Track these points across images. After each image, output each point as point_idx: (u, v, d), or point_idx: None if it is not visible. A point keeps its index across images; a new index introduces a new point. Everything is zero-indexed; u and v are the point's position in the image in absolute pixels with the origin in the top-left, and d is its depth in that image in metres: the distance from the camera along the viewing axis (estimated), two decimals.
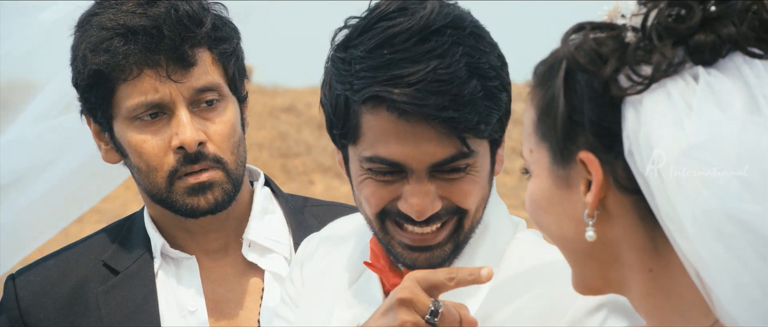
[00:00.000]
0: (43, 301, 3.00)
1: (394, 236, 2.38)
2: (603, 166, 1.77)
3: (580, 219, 1.80)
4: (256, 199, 3.04)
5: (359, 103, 2.31)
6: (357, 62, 2.30)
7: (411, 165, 2.31)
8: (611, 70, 1.74)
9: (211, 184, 2.88)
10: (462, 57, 2.27)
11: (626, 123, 1.73)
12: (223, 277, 3.02)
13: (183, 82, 2.84)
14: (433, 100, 2.25)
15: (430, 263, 2.38)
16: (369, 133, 2.32)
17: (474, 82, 2.28)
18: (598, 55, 1.75)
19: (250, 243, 3.02)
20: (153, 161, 2.87)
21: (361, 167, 2.36)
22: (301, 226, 3.04)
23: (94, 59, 2.83)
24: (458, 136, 2.29)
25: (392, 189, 2.34)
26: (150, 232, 3.01)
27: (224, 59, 2.91)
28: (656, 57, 1.72)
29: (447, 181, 2.34)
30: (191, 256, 3.01)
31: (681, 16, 1.74)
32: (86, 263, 3.03)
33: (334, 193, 16.33)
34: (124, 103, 2.86)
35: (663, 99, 1.71)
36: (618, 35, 1.76)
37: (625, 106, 1.74)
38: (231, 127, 2.90)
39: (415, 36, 2.27)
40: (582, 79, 1.77)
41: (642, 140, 1.71)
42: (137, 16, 2.82)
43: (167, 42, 2.82)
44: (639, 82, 1.73)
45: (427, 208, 2.32)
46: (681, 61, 1.72)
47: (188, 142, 2.84)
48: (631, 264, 1.81)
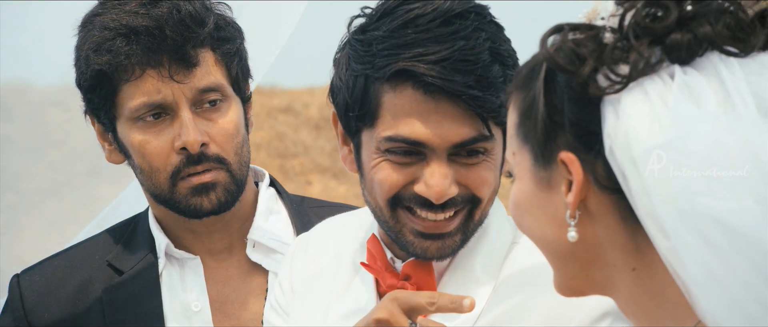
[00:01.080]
0: (48, 300, 3.00)
1: (405, 224, 2.36)
2: (583, 166, 1.77)
3: (562, 220, 1.80)
4: (260, 200, 3.04)
5: (381, 82, 2.30)
6: (378, 42, 2.30)
7: (433, 144, 2.30)
8: (589, 69, 1.75)
9: (215, 185, 2.87)
10: (485, 41, 2.29)
11: (606, 122, 1.74)
12: (228, 278, 3.01)
13: (185, 83, 2.84)
14: (459, 78, 2.26)
15: (441, 253, 2.36)
16: (389, 112, 2.31)
17: (496, 67, 2.30)
18: (576, 55, 1.76)
19: (254, 243, 3.01)
20: (156, 162, 2.86)
21: (377, 150, 2.34)
22: (306, 227, 3.02)
23: (97, 59, 2.83)
24: (481, 116, 2.29)
25: (408, 173, 2.33)
26: (154, 232, 3.01)
27: (227, 59, 2.90)
28: (633, 56, 1.73)
29: (464, 167, 2.33)
30: (195, 256, 3.00)
31: (657, 16, 1.74)
32: (91, 263, 3.03)
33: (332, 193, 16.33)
34: (127, 103, 2.85)
35: (640, 97, 1.72)
36: (596, 35, 1.77)
37: (604, 105, 1.75)
38: (234, 127, 2.89)
39: (439, 18, 2.28)
40: (562, 80, 1.78)
41: (621, 138, 1.72)
42: (140, 17, 2.82)
43: (169, 42, 2.81)
44: (617, 81, 1.73)
45: (446, 190, 2.31)
46: (658, 61, 1.73)
47: (191, 143, 2.83)
48: (614, 264, 1.80)
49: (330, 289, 2.52)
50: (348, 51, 2.37)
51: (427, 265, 2.40)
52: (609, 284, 1.83)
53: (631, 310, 1.83)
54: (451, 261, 2.42)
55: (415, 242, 2.36)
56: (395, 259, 2.44)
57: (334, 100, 2.41)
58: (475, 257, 2.41)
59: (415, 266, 2.39)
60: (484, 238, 2.42)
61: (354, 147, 2.41)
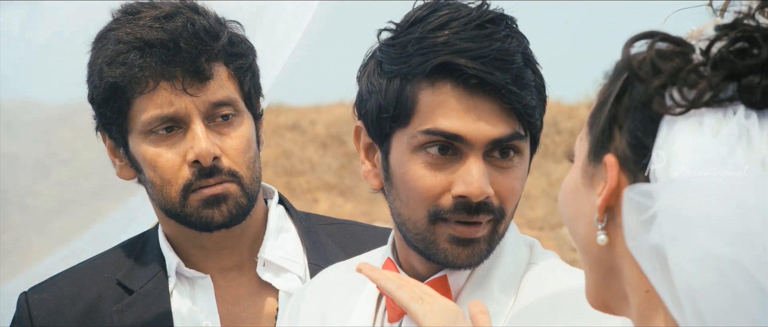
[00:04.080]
0: (57, 319, 2.98)
1: (442, 234, 2.34)
2: (626, 176, 1.74)
3: (591, 221, 1.78)
4: (270, 218, 3.02)
5: (419, 80, 2.31)
6: (414, 44, 2.32)
7: (471, 139, 2.30)
8: (660, 84, 1.71)
9: (226, 197, 2.86)
10: (518, 47, 2.32)
11: (658, 141, 1.71)
12: (238, 298, 2.99)
13: (199, 96, 2.84)
14: (499, 75, 2.28)
15: (470, 260, 2.35)
16: (426, 108, 2.31)
17: (529, 72, 2.32)
18: (653, 65, 1.73)
19: (264, 262, 2.99)
20: (167, 175, 2.85)
21: (410, 149, 2.33)
22: (315, 246, 3.01)
23: (111, 72, 2.84)
24: (518, 113, 2.31)
25: (442, 176, 2.32)
26: (164, 251, 2.99)
27: (240, 74, 2.90)
28: (702, 84, 1.69)
29: (497, 170, 2.33)
30: (206, 275, 2.98)
31: (744, 52, 1.69)
32: (100, 282, 3.01)
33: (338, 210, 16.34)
34: (140, 116, 2.85)
35: (695, 128, 1.68)
36: (684, 53, 1.73)
37: (662, 123, 1.71)
38: (246, 142, 2.89)
39: (472, 22, 2.31)
40: (638, 87, 1.75)
41: (663, 161, 1.69)
42: (154, 30, 2.83)
43: (184, 55, 2.82)
44: (681, 103, 1.69)
45: (484, 188, 2.31)
46: (729, 97, 1.68)
47: (203, 155, 2.82)
48: (629, 281, 1.77)
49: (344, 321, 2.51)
50: (378, 57, 2.38)
51: (444, 283, 2.39)
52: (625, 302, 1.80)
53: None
54: (468, 279, 2.41)
55: (448, 249, 2.35)
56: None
57: (363, 109, 2.40)
58: (493, 275, 2.40)
59: (433, 286, 2.37)
60: (500, 256, 2.41)
61: (382, 154, 2.40)
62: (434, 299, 2.22)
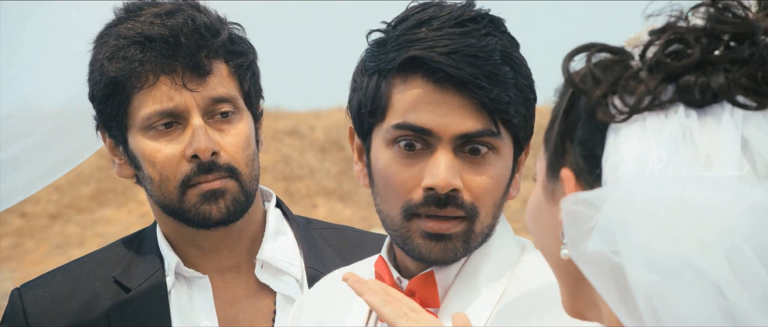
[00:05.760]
0: (53, 316, 2.97)
1: (415, 230, 2.36)
2: (583, 187, 1.74)
3: (557, 235, 1.78)
4: (269, 220, 3.02)
5: (392, 75, 2.35)
6: (392, 41, 2.36)
7: (439, 133, 2.33)
8: (601, 93, 1.72)
9: (224, 192, 2.87)
10: (496, 45, 2.34)
11: (606, 149, 1.72)
12: (235, 299, 2.99)
13: (198, 91, 2.85)
14: (468, 70, 2.31)
15: (445, 254, 2.37)
16: (399, 103, 2.35)
17: (507, 69, 2.34)
18: (592, 76, 1.74)
19: (262, 264, 2.99)
20: (166, 170, 2.87)
21: (385, 143, 2.37)
22: (311, 249, 3.02)
23: (111, 67, 2.85)
24: (488, 109, 2.32)
25: (414, 171, 2.35)
26: (163, 250, 2.99)
27: (240, 73, 2.92)
28: (641, 89, 1.70)
29: (469, 165, 2.35)
30: (204, 275, 2.98)
31: (678, 54, 1.71)
32: (96, 279, 3.01)
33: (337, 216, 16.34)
34: (139, 112, 2.86)
35: (638, 131, 1.69)
36: (623, 61, 1.74)
37: (609, 132, 1.72)
38: (245, 139, 2.90)
39: (452, 21, 2.34)
40: (583, 99, 1.76)
41: (611, 167, 1.70)
42: (155, 26, 2.85)
43: (184, 49, 2.84)
44: (623, 110, 1.71)
45: (450, 179, 2.33)
46: (670, 99, 1.69)
47: (202, 150, 2.84)
48: (597, 290, 1.77)
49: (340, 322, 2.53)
50: (363, 56, 2.43)
51: (430, 280, 2.40)
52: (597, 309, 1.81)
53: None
54: (456, 277, 2.43)
55: (421, 244, 2.37)
56: (401, 279, 2.45)
57: (350, 107, 2.44)
58: (479, 273, 2.42)
59: (420, 283, 2.40)
60: (488, 256, 2.43)
61: (366, 153, 2.44)
62: (419, 316, 2.24)
